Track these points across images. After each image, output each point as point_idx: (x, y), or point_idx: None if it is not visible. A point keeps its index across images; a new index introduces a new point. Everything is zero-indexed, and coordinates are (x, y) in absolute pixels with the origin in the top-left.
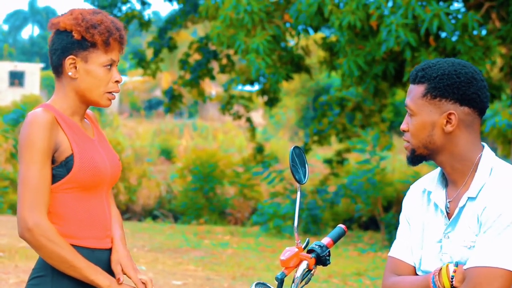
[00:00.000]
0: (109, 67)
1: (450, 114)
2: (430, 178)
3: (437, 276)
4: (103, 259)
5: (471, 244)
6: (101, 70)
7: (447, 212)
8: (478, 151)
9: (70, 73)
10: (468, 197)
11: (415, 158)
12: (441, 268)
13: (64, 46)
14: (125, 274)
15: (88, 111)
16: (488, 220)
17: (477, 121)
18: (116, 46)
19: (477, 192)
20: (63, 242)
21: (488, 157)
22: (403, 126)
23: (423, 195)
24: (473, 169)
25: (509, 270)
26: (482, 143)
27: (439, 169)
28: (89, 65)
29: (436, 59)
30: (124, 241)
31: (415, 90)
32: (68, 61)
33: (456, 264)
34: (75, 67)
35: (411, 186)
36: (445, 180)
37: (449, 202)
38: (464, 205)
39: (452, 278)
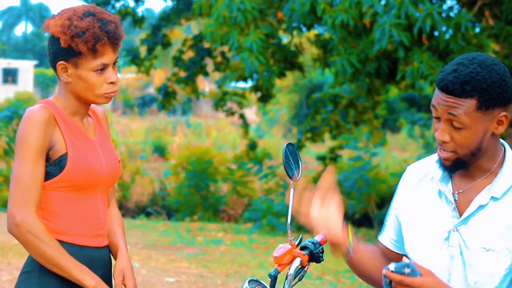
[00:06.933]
0: (100, 70)
1: (502, 116)
2: (432, 164)
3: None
4: (92, 257)
5: (490, 247)
6: (92, 75)
7: (455, 204)
8: (501, 147)
9: (62, 78)
10: (492, 197)
11: (457, 166)
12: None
13: (54, 51)
14: (124, 284)
15: (99, 109)
16: None
17: None
18: (107, 49)
19: (502, 193)
20: (50, 240)
21: None
22: (444, 138)
23: (425, 178)
24: (497, 166)
25: None
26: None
27: (435, 156)
28: (80, 71)
29: (464, 63)
30: (126, 246)
31: (466, 104)
32: (59, 66)
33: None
34: (67, 71)
35: (408, 168)
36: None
37: (458, 193)
38: (486, 204)
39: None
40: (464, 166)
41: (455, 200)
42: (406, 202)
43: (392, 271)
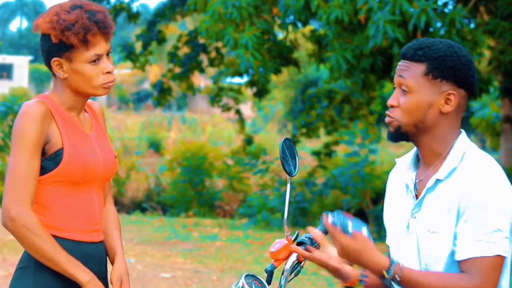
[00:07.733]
0: (95, 61)
1: (450, 94)
2: (406, 158)
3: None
4: (88, 252)
5: (434, 230)
6: (87, 66)
7: (415, 192)
8: (456, 135)
9: (58, 74)
10: (436, 179)
11: (399, 135)
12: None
13: (47, 49)
14: None
15: (96, 105)
16: (468, 209)
17: (465, 105)
18: (99, 39)
19: (445, 175)
20: (44, 234)
21: (462, 142)
22: (392, 102)
23: (397, 169)
24: (447, 152)
25: (502, 256)
26: (460, 129)
27: (414, 149)
28: (75, 64)
29: (429, 39)
30: (123, 250)
31: (414, 68)
32: (54, 63)
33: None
34: (62, 67)
35: (396, 160)
36: (418, 161)
37: (417, 182)
38: (431, 187)
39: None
40: (407, 138)
41: (416, 188)
42: (387, 196)
43: (329, 222)
